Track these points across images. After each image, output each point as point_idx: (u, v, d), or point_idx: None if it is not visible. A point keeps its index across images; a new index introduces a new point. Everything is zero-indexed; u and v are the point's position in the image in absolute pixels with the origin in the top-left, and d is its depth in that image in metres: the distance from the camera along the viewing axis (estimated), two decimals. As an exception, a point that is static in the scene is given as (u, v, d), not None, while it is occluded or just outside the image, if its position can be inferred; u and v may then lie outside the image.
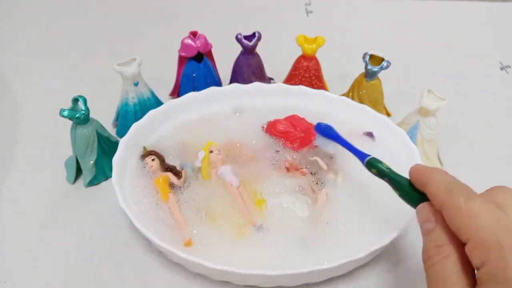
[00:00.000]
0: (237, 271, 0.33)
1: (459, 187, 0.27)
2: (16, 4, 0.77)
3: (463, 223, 0.25)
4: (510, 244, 0.22)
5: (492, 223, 0.24)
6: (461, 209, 0.25)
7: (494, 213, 0.24)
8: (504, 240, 0.23)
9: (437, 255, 0.25)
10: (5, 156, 0.49)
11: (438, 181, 0.28)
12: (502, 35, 0.74)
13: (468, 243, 0.24)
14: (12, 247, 0.41)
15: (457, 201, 0.25)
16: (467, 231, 0.24)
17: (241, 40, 0.51)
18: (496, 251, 0.23)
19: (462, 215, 0.25)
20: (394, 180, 0.32)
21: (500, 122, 0.56)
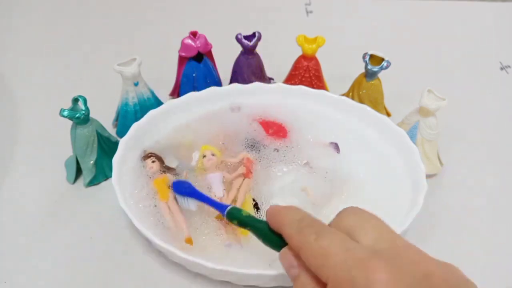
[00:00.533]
0: (237, 271, 0.33)
1: (310, 224, 0.26)
2: (16, 4, 0.77)
3: (318, 264, 0.24)
4: (361, 278, 0.22)
5: (342, 257, 0.23)
6: (313, 249, 0.25)
7: (343, 245, 0.24)
8: (355, 275, 0.22)
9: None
10: (5, 156, 0.49)
11: (290, 221, 0.27)
12: (502, 35, 0.74)
13: (328, 284, 0.24)
14: (12, 247, 0.41)
15: (308, 241, 0.25)
16: (324, 271, 0.24)
17: (241, 40, 0.51)
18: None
19: (316, 256, 0.24)
20: (254, 227, 0.31)
21: (500, 122, 0.56)
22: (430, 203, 0.40)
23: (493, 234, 0.43)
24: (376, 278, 0.22)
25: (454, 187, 0.47)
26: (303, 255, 0.25)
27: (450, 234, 0.42)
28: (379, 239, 0.25)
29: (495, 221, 0.44)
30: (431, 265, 0.23)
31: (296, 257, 0.26)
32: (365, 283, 0.22)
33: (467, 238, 0.42)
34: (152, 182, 0.42)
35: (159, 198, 0.40)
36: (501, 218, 0.44)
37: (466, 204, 0.45)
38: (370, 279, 0.22)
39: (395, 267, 0.22)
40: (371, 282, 0.22)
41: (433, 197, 0.45)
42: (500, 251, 0.41)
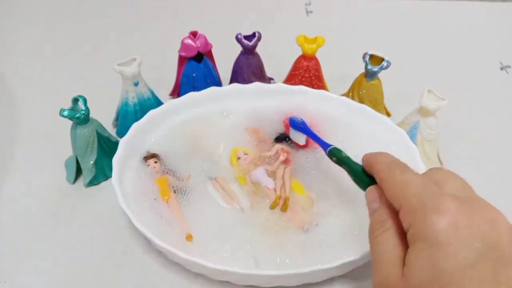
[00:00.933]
0: (237, 271, 0.33)
1: (398, 164, 0.29)
2: (16, 4, 0.77)
3: (396, 192, 0.27)
4: (432, 204, 0.24)
5: (420, 190, 0.26)
6: (395, 180, 0.27)
7: (423, 182, 0.26)
8: (427, 201, 0.25)
9: (380, 228, 0.27)
10: (5, 156, 0.49)
11: (381, 161, 0.30)
12: (502, 35, 0.74)
13: (400, 210, 0.26)
14: (12, 247, 0.41)
15: (393, 174, 0.28)
16: (400, 199, 0.26)
17: (241, 40, 0.51)
18: (420, 212, 0.24)
19: (396, 186, 0.27)
20: (350, 166, 0.35)
21: (500, 122, 0.56)
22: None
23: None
24: (446, 206, 0.24)
25: (454, 187, 0.47)
26: (385, 186, 0.28)
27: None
28: (459, 189, 0.27)
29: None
30: (501, 218, 0.25)
31: (379, 193, 0.29)
32: (435, 209, 0.24)
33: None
34: (154, 180, 0.42)
35: (161, 196, 0.41)
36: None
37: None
38: (440, 206, 0.24)
39: (465, 205, 0.24)
40: (440, 209, 0.24)
41: (433, 197, 0.45)
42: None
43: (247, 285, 0.36)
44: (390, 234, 0.27)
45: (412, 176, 0.27)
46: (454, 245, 0.23)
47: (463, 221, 0.23)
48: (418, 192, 0.26)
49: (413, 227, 0.25)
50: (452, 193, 0.26)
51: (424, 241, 0.24)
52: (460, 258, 0.23)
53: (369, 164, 0.31)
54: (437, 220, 0.23)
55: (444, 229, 0.23)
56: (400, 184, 0.27)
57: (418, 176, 0.27)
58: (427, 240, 0.24)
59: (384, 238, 0.27)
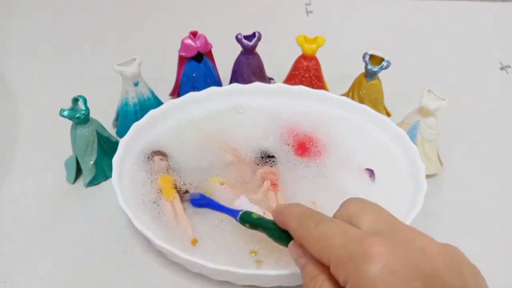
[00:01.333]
0: (237, 271, 0.33)
1: (309, 215, 0.28)
2: (16, 4, 0.77)
3: (319, 249, 0.26)
4: (358, 252, 0.23)
5: (340, 239, 0.24)
6: (313, 237, 0.26)
7: (340, 229, 0.25)
8: (353, 251, 0.23)
9: (314, 286, 0.26)
10: (5, 156, 0.49)
11: (292, 216, 0.29)
12: (502, 35, 0.74)
13: (331, 266, 0.25)
14: (12, 247, 0.41)
15: (308, 229, 0.26)
16: (325, 255, 0.25)
17: (241, 40, 0.51)
18: (350, 265, 0.23)
19: (316, 241, 0.26)
20: (265, 227, 0.32)
21: (500, 122, 0.56)
22: (430, 203, 0.40)
23: (493, 234, 0.43)
24: (373, 251, 0.23)
25: (454, 187, 0.47)
26: (305, 244, 0.27)
27: (450, 234, 0.42)
28: (377, 222, 0.26)
29: (495, 221, 0.44)
30: (428, 242, 0.24)
31: (302, 248, 0.28)
32: (363, 257, 0.23)
33: (468, 238, 0.42)
34: (159, 179, 0.42)
35: (165, 198, 0.40)
36: (501, 218, 0.44)
37: (466, 204, 0.45)
38: (367, 252, 0.23)
39: (390, 242, 0.23)
40: (368, 255, 0.23)
41: (433, 197, 0.45)
42: (500, 251, 0.42)
43: (247, 285, 0.36)
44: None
45: (326, 227, 0.26)
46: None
47: (395, 261, 0.22)
48: (340, 243, 0.24)
49: (350, 281, 0.23)
50: (372, 228, 0.25)
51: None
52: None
53: (281, 222, 0.30)
54: (369, 268, 0.22)
55: (379, 276, 0.22)
56: (319, 239, 0.26)
57: (331, 223, 0.26)
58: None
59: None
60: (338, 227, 0.26)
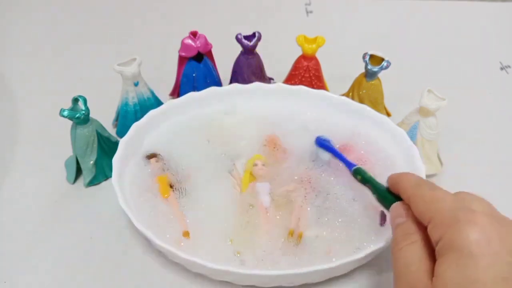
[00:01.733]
0: (237, 271, 0.33)
1: (426, 182, 0.30)
2: (16, 4, 0.77)
3: (427, 207, 0.27)
4: (465, 217, 0.25)
5: (452, 204, 0.27)
6: (425, 196, 0.28)
7: (454, 198, 0.27)
8: (460, 215, 0.25)
9: (405, 241, 0.28)
10: (5, 156, 0.49)
11: (408, 179, 0.31)
12: (502, 35, 0.74)
13: (430, 224, 0.27)
14: (12, 247, 0.41)
15: (423, 190, 0.29)
16: (429, 214, 0.27)
17: (241, 40, 0.51)
18: (453, 225, 0.25)
19: (426, 201, 0.28)
20: (374, 185, 0.36)
21: (500, 122, 0.56)
22: (430, 203, 0.40)
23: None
24: (479, 220, 0.25)
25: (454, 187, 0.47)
26: (414, 202, 0.29)
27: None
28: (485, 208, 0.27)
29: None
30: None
31: (405, 209, 0.30)
32: (468, 222, 0.24)
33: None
34: (155, 178, 0.42)
35: (161, 194, 0.41)
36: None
37: (466, 204, 0.45)
38: (473, 220, 0.25)
39: (496, 221, 0.25)
40: (473, 222, 0.24)
41: (433, 197, 0.45)
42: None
43: (247, 285, 0.36)
44: (417, 247, 0.27)
45: (442, 193, 0.28)
46: (487, 257, 0.23)
47: (495, 235, 0.24)
48: (451, 207, 0.26)
49: (444, 239, 0.25)
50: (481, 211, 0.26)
51: (456, 252, 0.24)
52: (494, 271, 0.23)
53: (395, 182, 0.32)
54: (471, 231, 0.24)
55: (478, 241, 0.24)
56: (431, 199, 0.28)
57: (448, 193, 0.28)
58: (459, 250, 0.24)
59: (410, 250, 0.27)
60: (452, 196, 0.28)
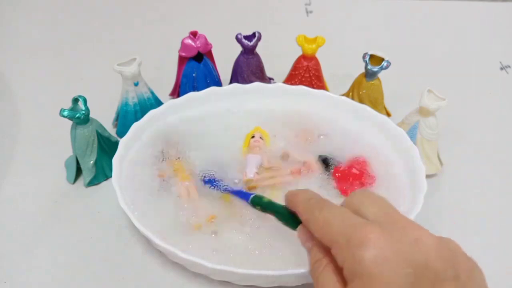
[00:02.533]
0: (237, 271, 0.33)
1: (316, 201, 0.29)
2: (16, 4, 0.77)
3: (322, 232, 0.27)
4: (355, 237, 0.24)
5: (341, 225, 0.26)
6: (317, 220, 0.28)
7: (342, 216, 0.27)
8: (350, 236, 0.25)
9: (318, 267, 0.27)
10: (5, 156, 0.49)
11: (301, 201, 0.30)
12: (502, 35, 0.74)
13: (332, 249, 0.26)
14: (12, 247, 0.41)
15: (313, 214, 0.28)
16: (327, 238, 0.27)
17: (241, 40, 0.51)
18: (347, 249, 0.25)
19: (319, 226, 0.27)
20: (275, 211, 0.33)
21: (500, 122, 0.56)
22: (430, 203, 0.40)
23: (493, 234, 0.43)
24: (368, 237, 0.24)
25: (454, 187, 0.47)
26: (310, 227, 0.28)
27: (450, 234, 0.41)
28: (379, 213, 0.27)
29: (495, 221, 0.44)
30: (424, 234, 0.25)
31: (309, 232, 0.29)
32: (359, 243, 0.24)
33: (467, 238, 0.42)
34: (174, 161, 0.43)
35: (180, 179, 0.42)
36: (501, 217, 0.44)
37: (466, 204, 0.45)
38: (363, 238, 0.24)
39: (387, 231, 0.24)
40: (364, 241, 0.24)
41: (433, 197, 0.45)
42: (500, 251, 0.41)
43: (247, 285, 0.36)
44: (328, 272, 0.27)
45: (330, 212, 0.27)
46: (386, 275, 0.23)
47: (389, 248, 0.23)
48: (340, 229, 0.26)
49: (345, 265, 0.25)
50: (373, 218, 0.26)
51: (358, 277, 0.24)
52: (395, 286, 0.23)
53: (291, 205, 0.31)
54: (363, 253, 0.23)
55: (373, 261, 0.23)
56: (322, 223, 0.27)
57: (337, 210, 0.27)
58: (360, 276, 0.24)
59: (324, 276, 0.27)
60: (341, 213, 0.27)
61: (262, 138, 0.46)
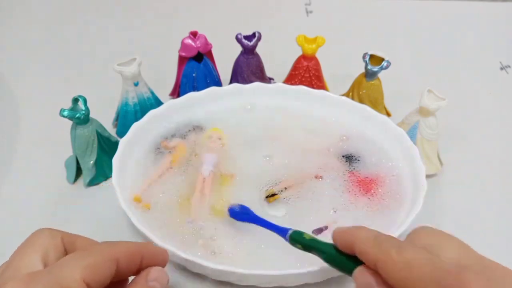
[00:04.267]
0: (237, 271, 0.33)
1: (387, 239, 0.26)
2: (16, 4, 0.77)
3: (401, 276, 0.24)
4: (451, 283, 0.22)
5: (430, 269, 0.23)
6: (395, 262, 0.24)
7: (428, 258, 0.24)
8: (448, 284, 0.22)
9: None
10: (5, 156, 0.49)
11: (364, 238, 0.27)
12: (502, 35, 0.74)
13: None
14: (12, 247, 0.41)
15: (389, 254, 0.25)
16: (409, 284, 0.23)
17: (241, 40, 0.51)
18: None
19: (398, 268, 0.24)
20: (320, 250, 0.30)
21: (500, 122, 0.56)
22: (430, 203, 0.40)
23: (493, 234, 0.43)
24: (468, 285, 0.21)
25: (454, 187, 0.47)
26: (383, 269, 0.25)
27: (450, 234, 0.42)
28: (463, 256, 0.24)
29: (495, 221, 0.44)
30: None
31: (374, 276, 0.26)
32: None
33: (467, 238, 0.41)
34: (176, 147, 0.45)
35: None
36: (501, 217, 0.44)
37: (466, 204, 0.45)
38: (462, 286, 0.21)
39: (487, 279, 0.22)
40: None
41: (433, 197, 0.45)
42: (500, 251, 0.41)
43: (247, 285, 0.36)
44: None
45: (412, 255, 0.24)
46: None
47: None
48: (431, 275, 0.23)
49: None
50: (459, 261, 0.24)
51: None
52: None
53: (346, 244, 0.28)
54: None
55: None
56: (404, 267, 0.24)
57: (417, 251, 0.24)
58: None
59: None
60: (425, 256, 0.24)
61: (220, 139, 0.46)
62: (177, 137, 0.46)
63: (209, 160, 0.44)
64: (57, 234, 0.27)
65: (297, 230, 0.32)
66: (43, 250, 0.27)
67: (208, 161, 0.44)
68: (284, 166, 0.44)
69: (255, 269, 0.34)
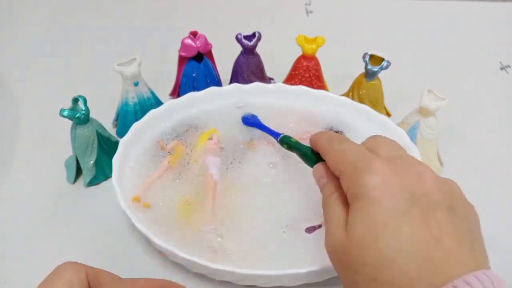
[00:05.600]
0: (237, 271, 0.33)
1: (335, 137, 0.32)
2: (16, 4, 0.77)
3: (336, 161, 0.30)
4: (364, 166, 0.27)
5: (354, 156, 0.28)
6: (334, 151, 0.30)
7: (357, 150, 0.29)
8: (359, 165, 0.27)
9: (329, 201, 0.30)
10: (5, 156, 0.49)
11: (323, 137, 0.33)
12: (502, 35, 0.73)
13: (340, 178, 0.29)
14: (12, 247, 0.41)
15: (332, 145, 0.31)
16: (338, 168, 0.29)
17: (241, 40, 0.51)
18: (355, 175, 0.27)
19: (335, 155, 0.30)
20: (299, 149, 0.37)
21: (500, 122, 0.56)
22: (430, 203, 0.40)
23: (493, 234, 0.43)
24: (375, 166, 0.26)
25: (454, 187, 0.47)
26: (327, 157, 0.31)
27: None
28: (389, 151, 0.29)
29: (495, 221, 0.44)
30: (428, 171, 0.27)
31: (326, 170, 0.31)
32: (365, 170, 0.26)
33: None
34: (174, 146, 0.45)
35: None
36: (501, 218, 0.44)
37: (466, 204, 0.45)
38: (370, 167, 0.26)
39: (393, 164, 0.27)
40: (370, 169, 0.26)
41: (433, 197, 0.44)
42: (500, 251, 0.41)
43: (247, 285, 0.36)
44: (336, 202, 0.29)
45: (348, 145, 0.30)
46: (386, 198, 0.25)
47: (392, 177, 0.26)
48: (353, 159, 0.28)
49: (350, 189, 0.27)
50: (384, 155, 0.28)
51: (360, 200, 0.26)
52: (392, 209, 0.25)
53: (314, 142, 0.34)
54: (368, 179, 0.26)
55: (376, 186, 0.25)
56: (338, 153, 0.30)
57: (354, 145, 0.30)
58: (362, 198, 0.26)
59: (332, 207, 0.29)
60: (357, 148, 0.29)
61: (219, 141, 0.46)
62: (176, 137, 0.46)
63: (214, 164, 0.44)
64: (82, 268, 0.29)
65: (287, 135, 0.41)
66: (68, 285, 0.28)
67: (213, 164, 0.43)
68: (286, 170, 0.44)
69: (255, 269, 0.34)
